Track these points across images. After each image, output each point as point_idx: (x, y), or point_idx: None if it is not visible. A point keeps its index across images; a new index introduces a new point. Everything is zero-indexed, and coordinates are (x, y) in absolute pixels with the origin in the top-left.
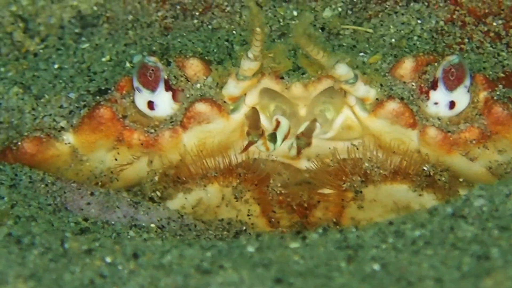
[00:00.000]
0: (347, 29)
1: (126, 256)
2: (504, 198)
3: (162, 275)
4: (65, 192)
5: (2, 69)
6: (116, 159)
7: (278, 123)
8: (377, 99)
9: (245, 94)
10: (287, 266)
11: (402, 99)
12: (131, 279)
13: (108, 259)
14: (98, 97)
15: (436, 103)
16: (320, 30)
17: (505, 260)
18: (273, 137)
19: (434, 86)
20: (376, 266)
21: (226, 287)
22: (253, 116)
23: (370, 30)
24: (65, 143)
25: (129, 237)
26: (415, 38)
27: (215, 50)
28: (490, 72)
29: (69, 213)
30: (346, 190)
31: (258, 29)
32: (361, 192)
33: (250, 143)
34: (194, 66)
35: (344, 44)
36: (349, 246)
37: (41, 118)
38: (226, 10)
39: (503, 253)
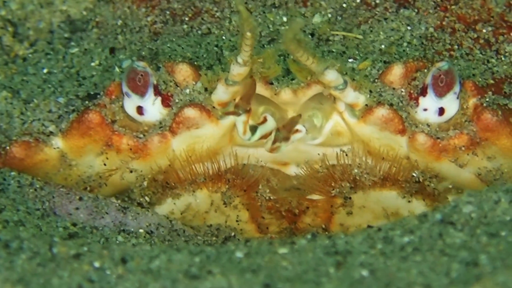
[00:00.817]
0: (337, 35)
1: (114, 261)
2: (493, 205)
3: (150, 280)
4: (53, 197)
5: None
6: (105, 164)
7: (264, 120)
8: (366, 105)
9: (234, 100)
10: (276, 271)
11: (391, 105)
12: (119, 284)
13: (97, 264)
14: (87, 102)
15: (425, 110)
16: (309, 36)
17: (494, 266)
18: (252, 129)
19: (423, 92)
20: (365, 272)
21: None
22: (249, 88)
23: (360, 36)
24: (54, 148)
25: (117, 242)
26: (405, 44)
27: (204, 56)
28: (480, 79)
29: (58, 218)
30: (335, 196)
31: (248, 33)
32: (350, 198)
33: (234, 113)
34: (183, 71)
35: (333, 50)
36: (337, 252)
37: (30, 122)
38: (216, 16)
39: (492, 260)
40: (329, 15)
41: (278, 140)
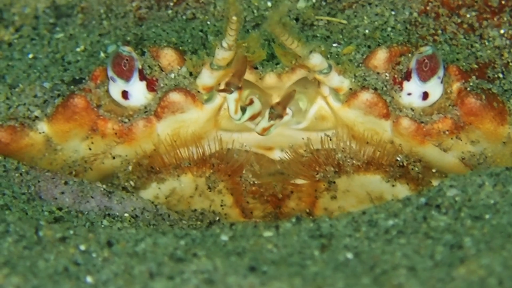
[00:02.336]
0: (321, 20)
1: (100, 244)
2: (477, 188)
3: (136, 262)
4: (39, 181)
5: None
6: (90, 149)
7: (251, 102)
8: (350, 89)
9: (219, 84)
10: (261, 254)
11: (375, 89)
12: (105, 267)
13: (82, 247)
14: (72, 87)
15: (409, 94)
16: (294, 21)
17: (478, 249)
18: (242, 109)
19: (407, 77)
20: (350, 255)
21: (200, 275)
22: (241, 65)
23: (344, 21)
24: (39, 133)
25: (102, 226)
26: (389, 29)
27: (189, 40)
28: (464, 64)
29: (43, 202)
30: (319, 180)
31: (234, 18)
32: (334, 182)
33: (226, 90)
34: (168, 56)
35: (318, 35)
36: (322, 235)
37: (15, 107)
38: (200, 1)
39: (476, 242)
40: (314, 0)
41: (272, 118)
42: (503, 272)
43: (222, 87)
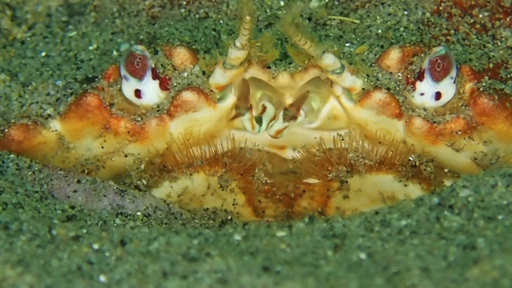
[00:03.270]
0: (334, 19)
1: (113, 243)
2: (490, 189)
3: (149, 261)
4: (52, 180)
5: None
6: (102, 147)
7: (264, 109)
8: (363, 89)
9: (232, 83)
10: (274, 254)
11: (388, 89)
12: (118, 266)
13: (96, 246)
14: (85, 85)
15: (422, 94)
16: (307, 21)
17: (491, 249)
18: (258, 120)
19: (420, 77)
20: (363, 255)
21: (213, 274)
22: (243, 88)
23: (357, 21)
24: (52, 131)
25: (115, 224)
26: (402, 29)
27: (202, 39)
28: (476, 64)
29: (56, 200)
30: (332, 180)
31: (247, 17)
32: (346, 182)
33: (238, 115)
34: (181, 55)
35: (330, 34)
36: (335, 235)
37: (28, 105)
38: (213, 0)
39: (489, 243)
40: (326, 0)
41: (287, 119)
42: None
43: (233, 114)
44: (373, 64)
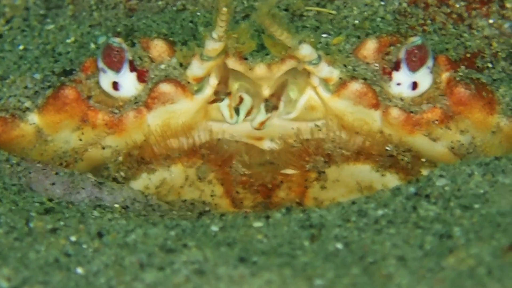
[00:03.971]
0: (311, 10)
1: (90, 235)
2: (466, 178)
3: (126, 253)
4: (30, 172)
5: None
6: (80, 140)
7: (241, 100)
8: (340, 79)
9: (209, 75)
10: (251, 245)
11: (365, 79)
12: (95, 258)
13: (73, 238)
14: (63, 78)
15: (399, 84)
16: (284, 12)
17: (467, 238)
18: (236, 111)
19: (397, 67)
20: (339, 245)
21: (190, 265)
22: (224, 73)
23: (334, 12)
24: (30, 124)
25: (93, 217)
26: (378, 19)
27: (179, 32)
28: (453, 53)
29: (34, 193)
30: (309, 170)
31: (224, 9)
32: (324, 172)
33: (216, 99)
34: (158, 47)
35: (307, 25)
36: (312, 225)
37: (6, 98)
38: None
39: (465, 232)
40: None
41: (269, 110)
42: (492, 261)
43: (211, 98)
44: (349, 55)
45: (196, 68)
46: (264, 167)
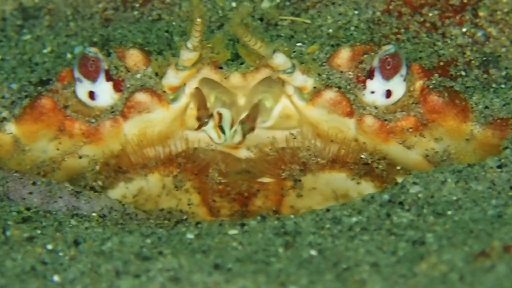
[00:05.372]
0: (285, 20)
1: (67, 243)
2: (439, 185)
3: (102, 261)
4: (7, 182)
5: None
6: (58, 149)
7: (220, 116)
8: (314, 88)
9: (184, 84)
10: (226, 252)
11: (339, 88)
12: (72, 265)
13: (49, 246)
14: (39, 88)
15: (372, 92)
16: (258, 21)
17: (440, 244)
18: (220, 130)
19: (370, 75)
20: (313, 252)
21: (165, 273)
22: (198, 98)
23: (308, 21)
24: (7, 133)
25: (70, 225)
26: (352, 28)
27: (155, 41)
28: (426, 62)
29: (11, 202)
30: (285, 178)
31: (198, 19)
32: (300, 180)
33: (202, 125)
34: (134, 57)
35: (282, 34)
36: (286, 232)
37: None
38: (166, 2)
39: (438, 238)
40: (278, 0)
41: (246, 132)
42: (465, 267)
43: (196, 126)
44: (324, 63)
45: (171, 78)
46: (241, 175)
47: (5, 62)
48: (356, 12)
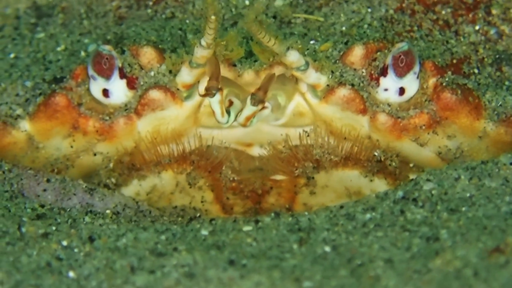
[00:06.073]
0: (299, 17)
1: (82, 240)
2: (453, 182)
3: (117, 257)
4: (21, 179)
5: None
6: (71, 146)
7: (231, 103)
8: (328, 85)
9: (198, 82)
10: (240, 248)
11: (352, 85)
12: (87, 262)
13: (64, 243)
14: (53, 85)
15: (386, 90)
16: (272, 19)
17: (454, 241)
18: (226, 113)
19: (384, 72)
20: (327, 248)
21: (180, 268)
22: (214, 68)
23: (321, 19)
24: (22, 131)
25: (84, 222)
26: (365, 26)
27: (168, 39)
28: (439, 59)
29: (26, 199)
30: (298, 176)
31: (212, 17)
32: (313, 178)
33: (208, 94)
34: (148, 54)
35: (295, 32)
36: (301, 229)
37: None
38: (179, 0)
39: (452, 235)
40: None
41: (255, 103)
42: (479, 263)
43: (203, 92)
44: (337, 61)
45: (185, 75)
46: (254, 173)
47: (19, 60)
48: (369, 10)
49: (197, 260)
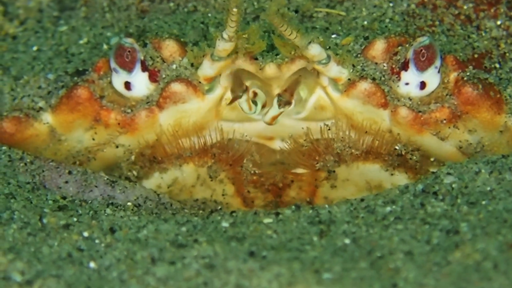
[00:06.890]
0: (320, 12)
1: (103, 231)
2: (473, 176)
3: (138, 248)
4: (43, 171)
5: None
6: (93, 139)
7: (255, 94)
8: (349, 79)
9: (220, 75)
10: (261, 240)
11: (374, 79)
12: (108, 253)
13: (86, 234)
14: (76, 78)
15: (407, 84)
16: (293, 13)
17: (474, 234)
18: (253, 103)
19: (405, 66)
20: (347, 240)
21: (200, 260)
22: (236, 75)
23: (343, 13)
24: (44, 123)
25: (106, 214)
26: (387, 20)
27: (190, 32)
28: (461, 54)
29: (48, 191)
30: (319, 169)
31: (234, 9)
32: (334, 171)
33: (236, 97)
34: (170, 47)
35: (317, 26)
36: (321, 221)
37: (20, 98)
38: None
39: (472, 228)
40: None
41: (282, 105)
42: (498, 256)
43: (229, 101)
44: (358, 55)
45: (207, 68)
46: (275, 166)
47: (42, 53)
48: (391, 4)
49: (217, 252)
